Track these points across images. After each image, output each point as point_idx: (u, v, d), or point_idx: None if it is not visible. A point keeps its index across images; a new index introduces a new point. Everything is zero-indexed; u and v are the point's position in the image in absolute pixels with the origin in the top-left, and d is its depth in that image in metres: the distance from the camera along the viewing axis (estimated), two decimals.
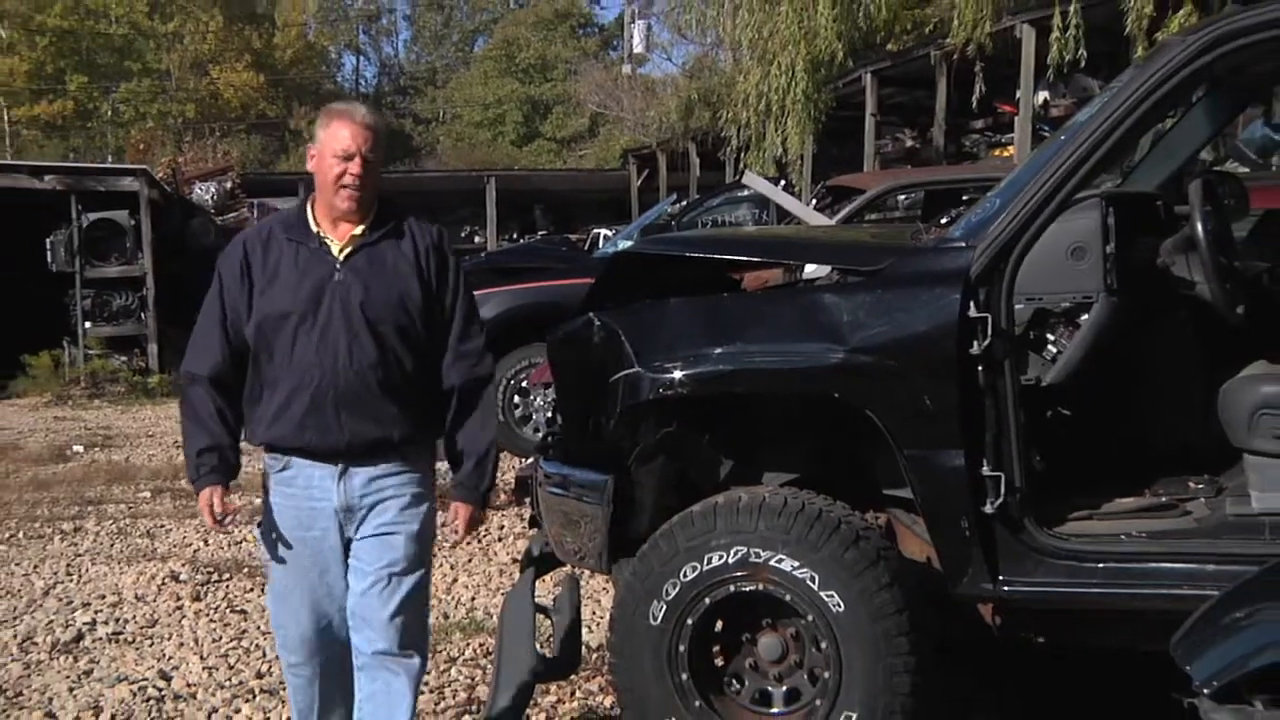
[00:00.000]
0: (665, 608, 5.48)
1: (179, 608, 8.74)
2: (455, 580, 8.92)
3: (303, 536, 5.00)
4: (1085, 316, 5.89)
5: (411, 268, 4.98)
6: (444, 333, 5.07)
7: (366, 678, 5.04)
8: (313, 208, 5.03)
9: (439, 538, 5.66)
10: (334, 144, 4.84)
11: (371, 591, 4.96)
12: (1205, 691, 3.22)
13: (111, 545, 10.76)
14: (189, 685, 7.20)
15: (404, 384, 4.96)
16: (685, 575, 5.45)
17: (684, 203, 23.72)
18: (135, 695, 7.04)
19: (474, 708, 6.41)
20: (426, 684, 5.62)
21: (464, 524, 5.13)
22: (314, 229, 4.97)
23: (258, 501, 5.16)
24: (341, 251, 4.93)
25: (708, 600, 5.47)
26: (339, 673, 5.15)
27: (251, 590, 8.86)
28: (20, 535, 11.27)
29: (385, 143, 5.15)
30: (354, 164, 4.82)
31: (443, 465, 5.28)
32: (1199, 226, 6.00)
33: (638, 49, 57.46)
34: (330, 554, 5.02)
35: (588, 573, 6.80)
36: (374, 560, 4.97)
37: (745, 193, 17.99)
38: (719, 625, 5.61)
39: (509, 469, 10.16)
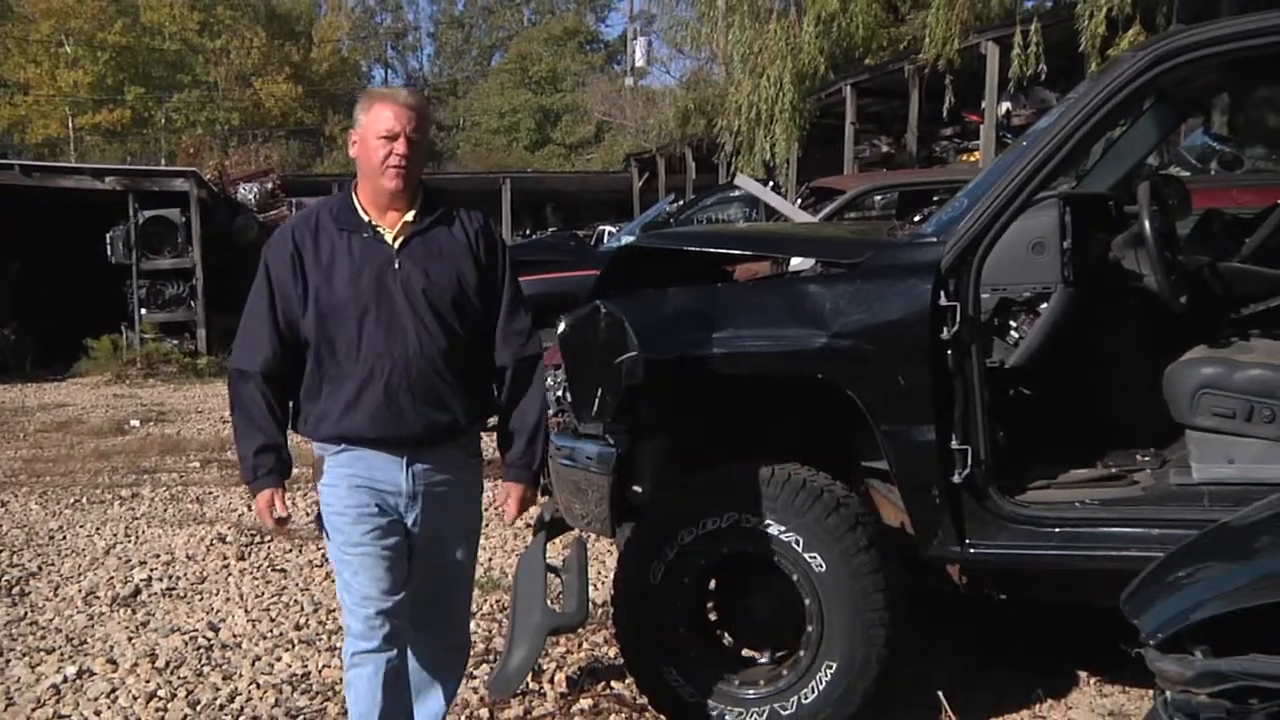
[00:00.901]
0: (664, 568, 5.49)
1: (225, 566, 8.76)
2: None
3: (362, 512, 4.54)
4: (1044, 305, 5.92)
5: (465, 251, 4.62)
6: (495, 314, 4.72)
7: (423, 663, 4.86)
8: (358, 196, 4.58)
9: (485, 521, 5.31)
10: (377, 126, 4.42)
11: (434, 586, 4.75)
12: (1151, 642, 3.23)
13: (165, 510, 10.77)
14: (235, 635, 7.21)
15: (469, 367, 4.62)
16: (682, 539, 5.47)
17: (681, 202, 23.66)
18: (187, 644, 7.06)
19: (492, 658, 6.42)
20: None
21: (515, 504, 4.77)
22: (364, 217, 4.53)
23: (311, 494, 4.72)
24: (396, 239, 4.51)
25: (702, 561, 5.49)
26: (402, 671, 4.74)
27: (290, 551, 8.86)
28: (84, 500, 11.29)
29: (430, 123, 4.75)
30: (399, 144, 4.41)
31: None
32: (1146, 225, 6.00)
33: (639, 63, 57.27)
34: (395, 535, 4.58)
35: (594, 536, 6.80)
36: (437, 557, 4.72)
37: (737, 193, 17.97)
38: (713, 584, 5.62)
39: None
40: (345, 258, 4.46)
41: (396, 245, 4.49)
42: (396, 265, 4.46)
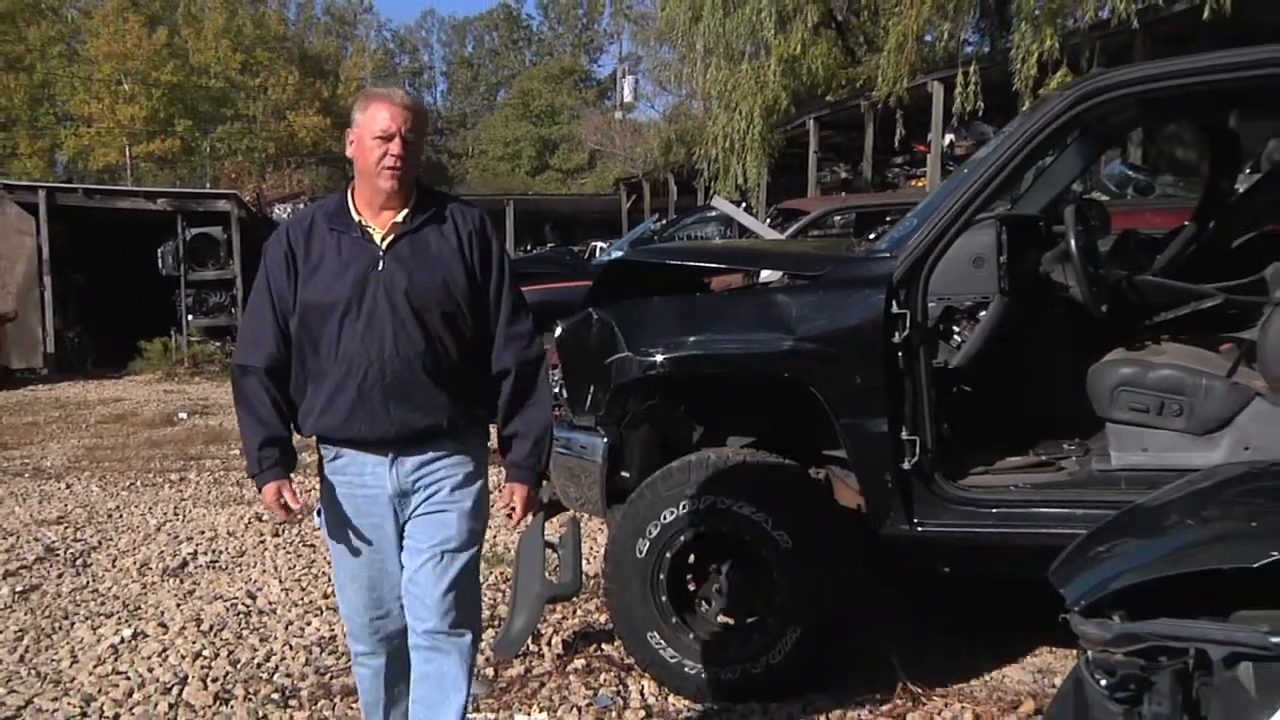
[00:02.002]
0: (649, 544, 5.49)
1: (262, 542, 8.76)
2: None
3: (361, 523, 4.14)
4: (984, 313, 5.93)
5: (455, 253, 4.09)
6: (489, 317, 4.18)
7: (420, 658, 4.23)
8: (353, 196, 4.14)
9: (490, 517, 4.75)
10: (373, 126, 3.99)
11: (424, 569, 4.12)
12: (1076, 609, 3.23)
13: (209, 492, 10.76)
14: (270, 603, 7.21)
15: (451, 371, 4.08)
16: (665, 518, 5.47)
17: (664, 221, 23.66)
18: (228, 610, 7.06)
19: (496, 624, 6.41)
20: None
21: (521, 505, 4.19)
22: (355, 217, 4.08)
23: (314, 491, 4.26)
24: (384, 239, 4.04)
25: (683, 538, 5.48)
26: (405, 666, 4.29)
27: (320, 529, 8.83)
28: (138, 483, 11.28)
29: (426, 124, 4.25)
30: (394, 144, 3.97)
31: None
32: (1072, 243, 6.02)
33: (627, 99, 57.49)
34: (387, 541, 4.16)
35: (587, 516, 6.81)
36: (426, 539, 4.13)
37: (713, 213, 17.98)
38: (692, 558, 5.62)
39: None
40: (334, 257, 4.04)
41: (384, 245, 4.04)
42: (380, 266, 4.01)
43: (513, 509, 4.20)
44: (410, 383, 4.00)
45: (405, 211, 4.07)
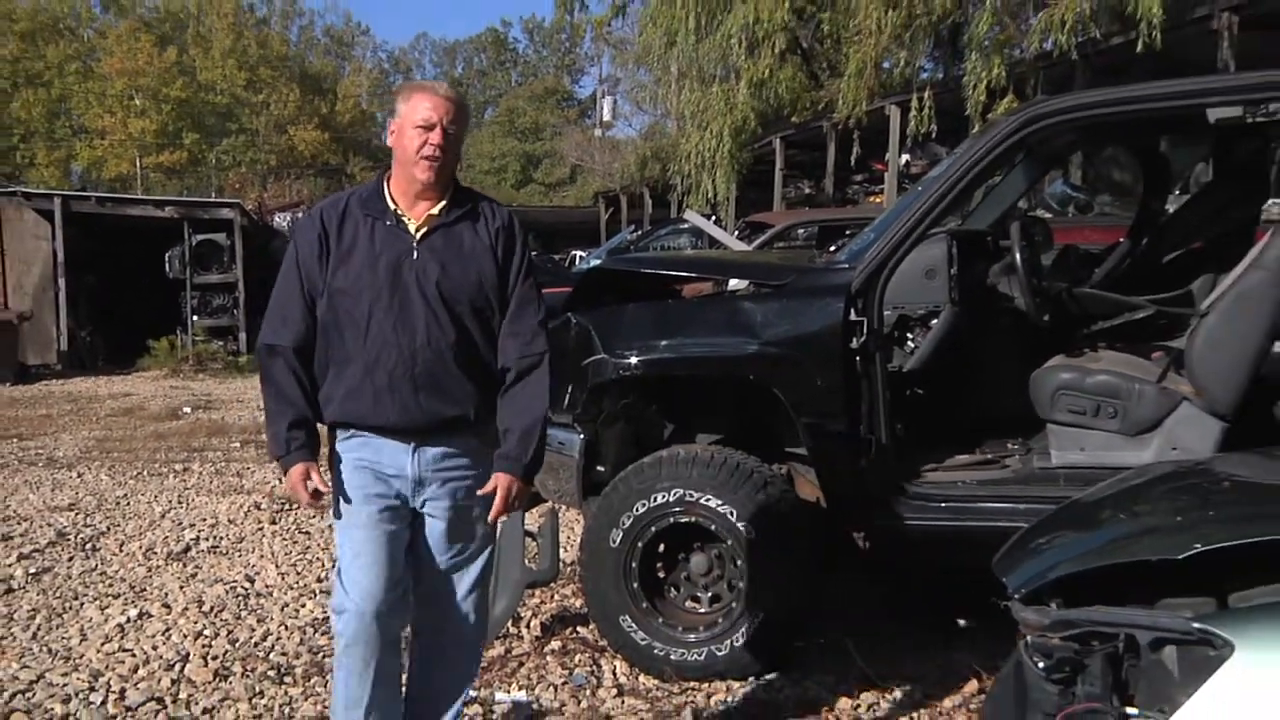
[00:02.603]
0: (622, 534, 5.49)
1: (260, 529, 8.73)
2: None
3: (368, 494, 3.88)
4: (935, 321, 5.95)
5: (487, 249, 3.91)
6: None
7: (431, 651, 4.09)
8: (389, 184, 3.95)
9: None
10: (415, 115, 3.81)
11: (445, 575, 3.98)
12: (1017, 596, 3.25)
13: (211, 482, 10.72)
14: (267, 586, 7.19)
15: (479, 363, 3.91)
16: (637, 510, 5.47)
17: (640, 232, 23.72)
18: (228, 592, 7.04)
19: None
20: None
21: (501, 496, 3.86)
22: (390, 205, 3.89)
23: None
24: (418, 230, 3.85)
25: (653, 528, 5.48)
26: (391, 662, 3.99)
27: (314, 518, 8.82)
28: (145, 473, 11.23)
29: (467, 118, 4.04)
30: (435, 134, 3.78)
31: None
32: (1017, 256, 6.04)
33: (606, 117, 57.43)
34: (396, 516, 3.90)
35: (565, 507, 6.81)
36: (448, 545, 3.96)
37: (685, 226, 18.03)
38: (662, 547, 5.62)
39: None
40: (367, 243, 3.84)
41: (418, 236, 3.85)
42: (414, 256, 3.81)
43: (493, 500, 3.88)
44: (440, 373, 3.82)
45: (442, 204, 3.89)
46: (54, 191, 25.67)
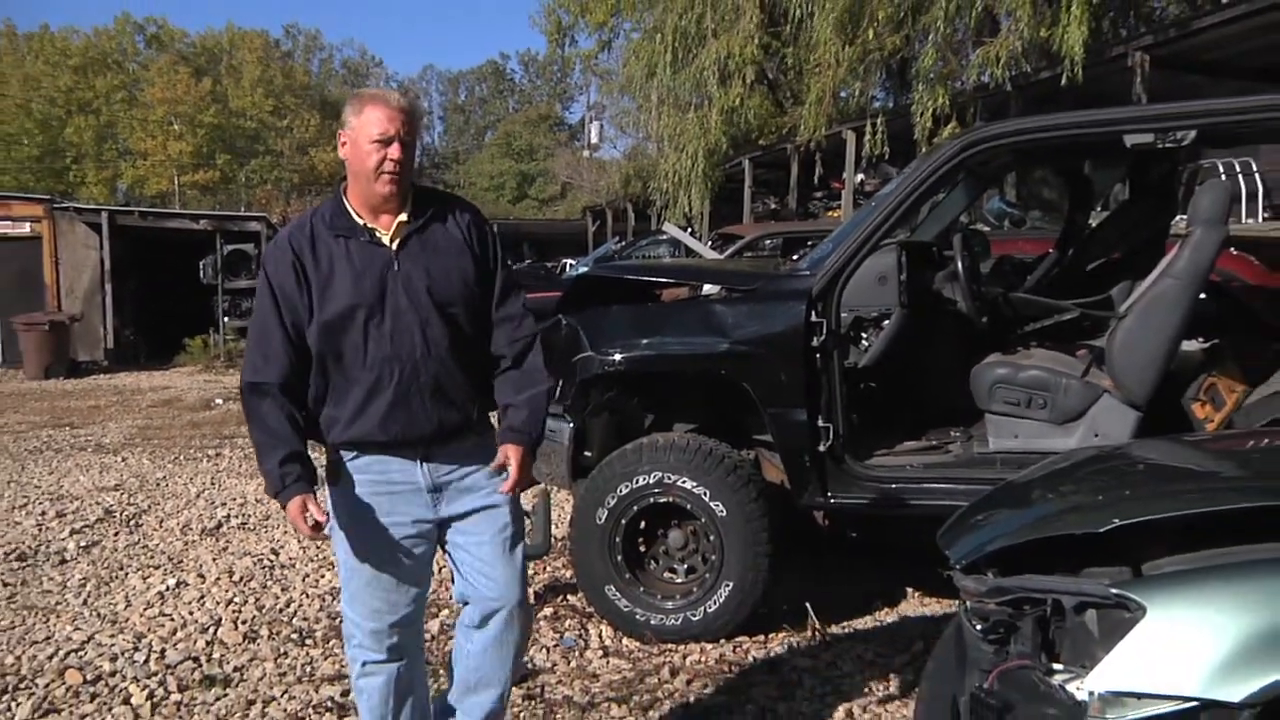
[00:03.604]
0: (607, 512, 5.49)
1: (284, 508, 8.70)
2: None
3: (385, 521, 3.48)
4: (887, 322, 5.95)
5: (462, 245, 3.52)
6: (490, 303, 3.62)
7: (479, 639, 3.62)
8: (348, 198, 3.48)
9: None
10: (369, 129, 3.34)
11: (490, 555, 3.55)
12: (958, 566, 3.25)
13: (240, 465, 10.69)
14: (290, 558, 7.18)
15: (476, 361, 3.56)
16: (621, 490, 5.47)
17: (623, 243, 23.67)
18: (255, 564, 7.03)
19: None
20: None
21: (517, 465, 3.47)
22: (358, 220, 3.43)
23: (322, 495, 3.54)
24: (393, 240, 3.42)
25: (635, 508, 5.48)
26: (415, 675, 3.68)
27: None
28: (181, 458, 11.20)
29: (421, 123, 3.64)
30: (393, 149, 3.33)
31: None
32: (959, 265, 6.05)
33: (594, 140, 57.40)
34: (412, 539, 3.51)
35: (556, 488, 6.80)
36: (487, 528, 3.55)
37: (664, 237, 17.99)
38: (643, 524, 5.62)
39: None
40: (344, 264, 3.39)
41: (394, 247, 3.42)
42: (396, 266, 3.40)
43: (506, 473, 3.49)
44: (445, 379, 3.44)
45: (407, 212, 3.46)
46: (102, 207, 25.62)
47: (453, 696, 3.71)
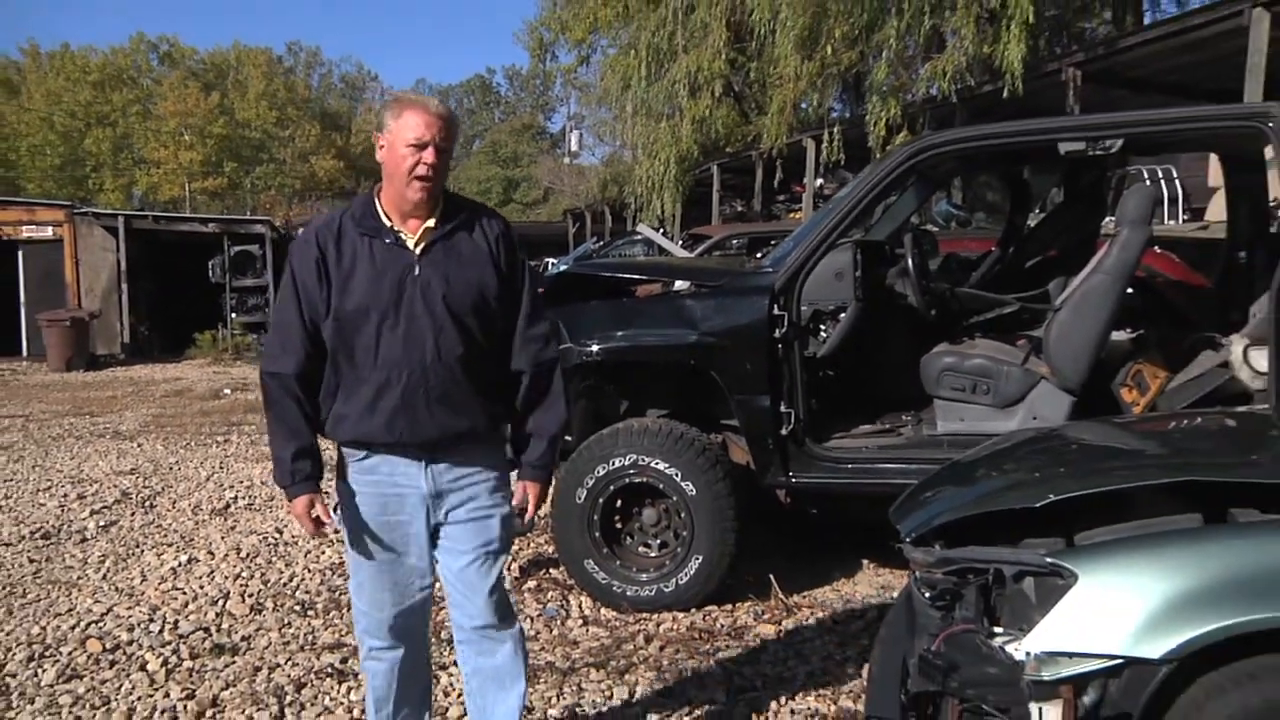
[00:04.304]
0: (586, 491, 5.49)
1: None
2: None
3: (386, 521, 3.30)
4: (843, 315, 5.95)
5: (486, 257, 3.28)
6: (515, 320, 3.39)
7: (472, 651, 3.47)
8: (380, 200, 3.27)
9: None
10: (406, 133, 3.14)
11: (470, 570, 3.35)
12: (908, 539, 3.26)
13: (247, 450, 10.65)
14: (293, 536, 7.15)
15: (488, 373, 3.31)
16: (599, 472, 5.47)
17: (601, 243, 23.63)
18: (261, 541, 7.00)
19: None
20: None
21: (534, 502, 3.42)
22: (385, 222, 3.22)
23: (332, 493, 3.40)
24: (417, 245, 3.21)
25: (612, 487, 5.48)
26: (418, 660, 3.54)
27: (333, 481, 8.80)
28: (192, 443, 11.15)
29: (458, 133, 3.35)
30: (428, 153, 3.13)
31: None
32: (910, 262, 6.07)
33: (574, 148, 57.22)
34: (415, 539, 3.33)
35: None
36: (471, 541, 3.34)
37: (639, 237, 17.97)
38: (619, 502, 5.62)
39: None
40: (366, 263, 3.20)
41: (418, 251, 3.21)
42: (416, 271, 3.18)
43: (524, 507, 3.42)
44: (452, 387, 3.22)
45: (436, 217, 3.25)
46: (118, 212, 25.49)
47: (474, 698, 3.54)
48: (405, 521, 3.31)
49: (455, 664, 3.67)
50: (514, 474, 3.49)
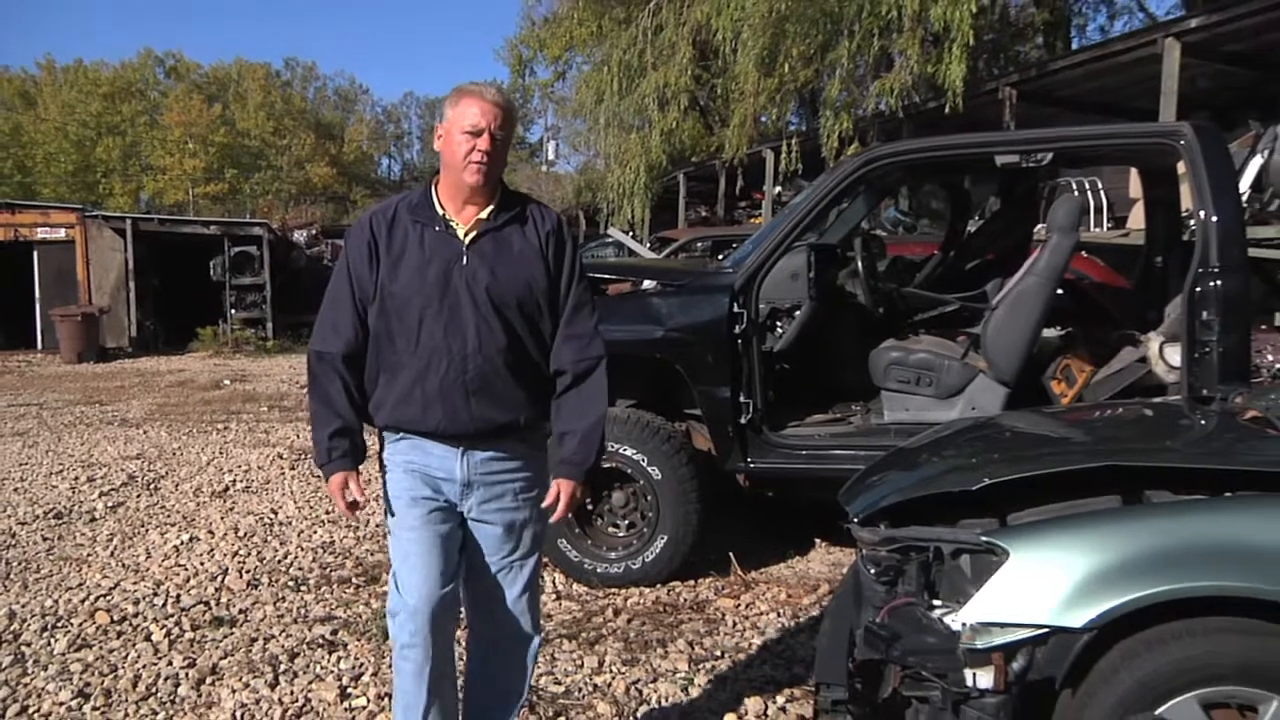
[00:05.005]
0: None
1: (282, 473, 8.62)
2: None
3: (416, 497, 3.05)
4: (798, 313, 5.97)
5: (536, 253, 3.06)
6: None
7: (490, 653, 3.24)
8: (437, 190, 3.09)
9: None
10: (463, 121, 2.97)
11: (496, 578, 3.14)
12: (856, 520, 3.28)
13: (245, 437, 10.58)
14: (288, 517, 7.12)
15: (529, 368, 3.08)
16: (604, 448, 5.46)
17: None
18: (257, 522, 6.96)
19: None
20: None
21: (565, 502, 3.09)
22: (439, 211, 3.04)
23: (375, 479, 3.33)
24: (467, 235, 3.01)
25: None
26: (449, 663, 3.13)
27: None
28: (194, 430, 11.07)
29: (515, 123, 3.15)
30: (483, 140, 2.95)
31: None
32: (859, 264, 6.11)
33: (551, 157, 57.14)
34: (448, 519, 3.07)
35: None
36: (498, 548, 3.13)
37: (610, 240, 17.93)
38: (590, 486, 5.61)
39: None
40: (416, 249, 3.01)
41: (467, 241, 3.01)
42: (464, 261, 2.98)
43: (555, 504, 3.11)
44: (492, 379, 3.00)
45: (490, 209, 3.05)
46: (126, 215, 25.37)
47: (473, 696, 3.30)
48: (441, 506, 3.07)
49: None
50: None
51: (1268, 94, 10.19)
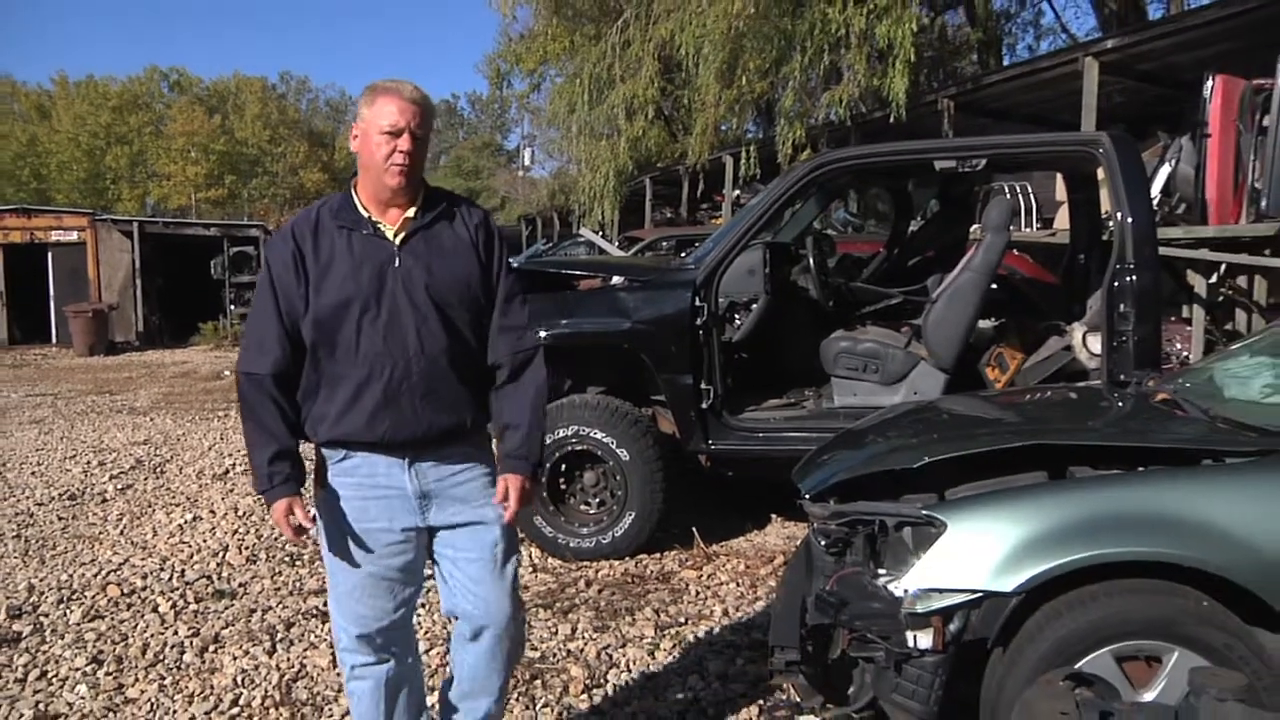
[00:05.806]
0: None
1: None
2: None
3: (366, 529, 2.71)
4: (755, 306, 5.98)
5: (469, 247, 2.74)
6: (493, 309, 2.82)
7: (471, 651, 2.84)
8: (357, 192, 2.73)
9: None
10: (380, 120, 2.62)
11: (478, 573, 2.77)
12: (807, 496, 3.29)
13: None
14: None
15: (471, 366, 2.75)
16: (545, 440, 5.44)
17: (550, 244, 23.53)
18: (255, 502, 6.89)
19: None
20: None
21: (516, 496, 2.72)
22: (363, 213, 2.69)
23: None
24: (397, 235, 2.67)
25: (557, 454, 5.48)
26: (406, 672, 2.88)
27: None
28: (197, 418, 10.97)
29: (433, 119, 2.78)
30: (403, 140, 2.62)
31: None
32: (811, 261, 6.11)
33: (527, 163, 56.76)
34: (399, 545, 2.73)
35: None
36: (474, 546, 2.77)
37: (582, 240, 17.88)
38: (563, 466, 5.60)
39: None
40: (344, 255, 2.65)
41: (398, 242, 2.67)
42: (397, 263, 2.65)
43: (506, 501, 2.74)
44: (437, 381, 2.68)
45: (415, 208, 2.72)
46: (133, 218, 25.06)
47: (454, 695, 2.96)
48: (385, 528, 2.73)
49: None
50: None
51: (1175, 109, 10.36)
